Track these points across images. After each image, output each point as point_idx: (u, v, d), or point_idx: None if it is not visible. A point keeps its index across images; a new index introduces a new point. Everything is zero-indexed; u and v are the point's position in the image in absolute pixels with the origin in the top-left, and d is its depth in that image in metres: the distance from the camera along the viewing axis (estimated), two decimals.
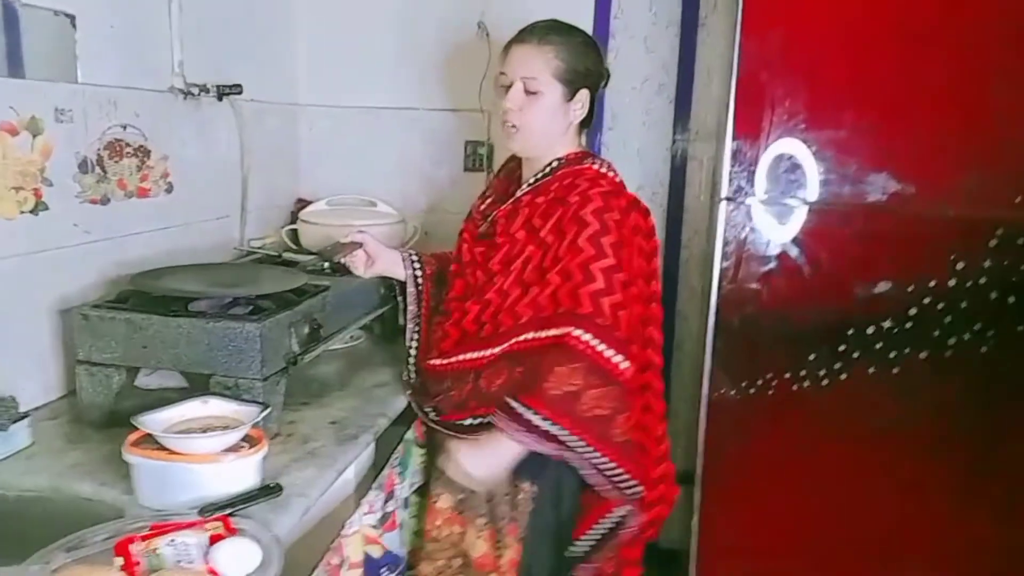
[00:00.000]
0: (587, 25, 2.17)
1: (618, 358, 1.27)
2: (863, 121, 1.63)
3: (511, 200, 1.42)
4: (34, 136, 1.37)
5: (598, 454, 1.29)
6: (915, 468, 1.73)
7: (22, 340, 1.37)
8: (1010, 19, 1.56)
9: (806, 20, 1.63)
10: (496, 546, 1.40)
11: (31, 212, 1.37)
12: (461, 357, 1.41)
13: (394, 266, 1.60)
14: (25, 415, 1.26)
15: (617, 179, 1.43)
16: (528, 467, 1.33)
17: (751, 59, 1.63)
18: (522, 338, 1.35)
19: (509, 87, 1.39)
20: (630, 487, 1.35)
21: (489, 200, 1.51)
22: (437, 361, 1.46)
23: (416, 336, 1.59)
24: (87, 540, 0.97)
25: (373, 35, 2.25)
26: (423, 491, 1.53)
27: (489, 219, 1.44)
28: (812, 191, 1.67)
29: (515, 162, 1.54)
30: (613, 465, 1.31)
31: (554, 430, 1.26)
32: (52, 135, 1.40)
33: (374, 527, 1.34)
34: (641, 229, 1.39)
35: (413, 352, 1.58)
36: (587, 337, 1.27)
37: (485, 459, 1.32)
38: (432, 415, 1.48)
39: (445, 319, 1.48)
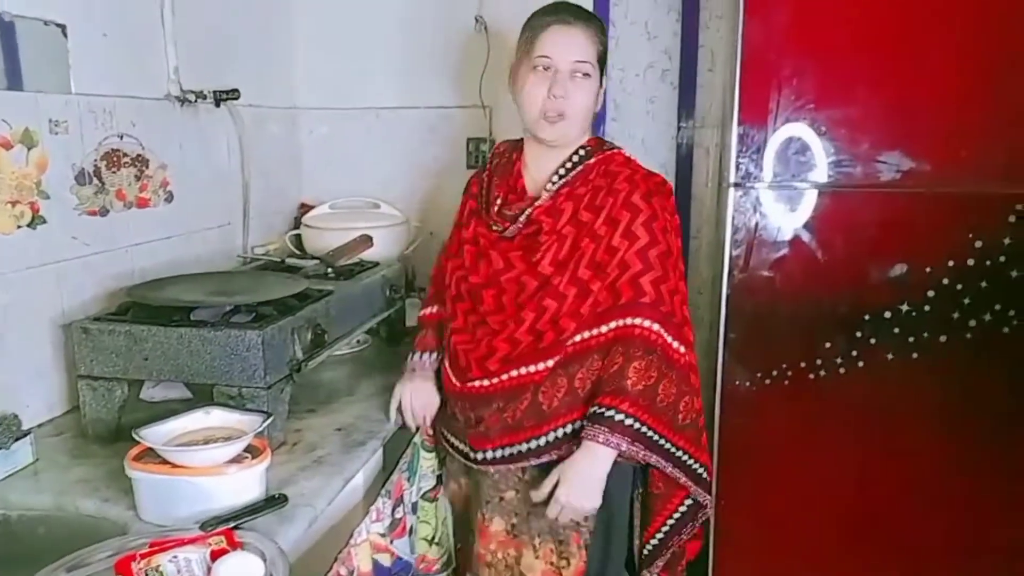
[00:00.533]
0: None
1: (676, 343, 1.27)
2: (874, 99, 1.58)
3: (549, 194, 1.34)
4: (28, 149, 1.35)
5: (672, 444, 1.29)
6: (938, 454, 1.69)
7: (24, 356, 1.36)
8: None
9: (811, 2, 1.58)
10: (558, 560, 1.34)
11: (29, 226, 1.36)
12: (514, 373, 1.31)
13: (430, 387, 1.47)
14: (27, 433, 1.25)
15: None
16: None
17: (755, 40, 1.58)
18: (578, 339, 1.29)
19: (547, 70, 1.30)
20: (699, 473, 1.35)
21: (500, 198, 1.39)
22: (481, 383, 1.34)
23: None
24: (88, 559, 0.95)
25: (370, 35, 2.22)
26: (427, 495, 1.50)
27: (524, 217, 1.34)
28: (823, 173, 1.63)
29: (509, 153, 1.45)
30: (683, 452, 1.31)
31: (644, 429, 1.25)
32: (47, 147, 1.39)
33: (383, 534, 1.31)
34: (667, 208, 1.35)
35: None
36: (656, 327, 1.25)
37: (590, 485, 1.26)
38: (477, 454, 1.35)
39: (490, 335, 1.35)
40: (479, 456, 1.35)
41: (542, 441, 1.31)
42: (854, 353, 1.65)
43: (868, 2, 1.58)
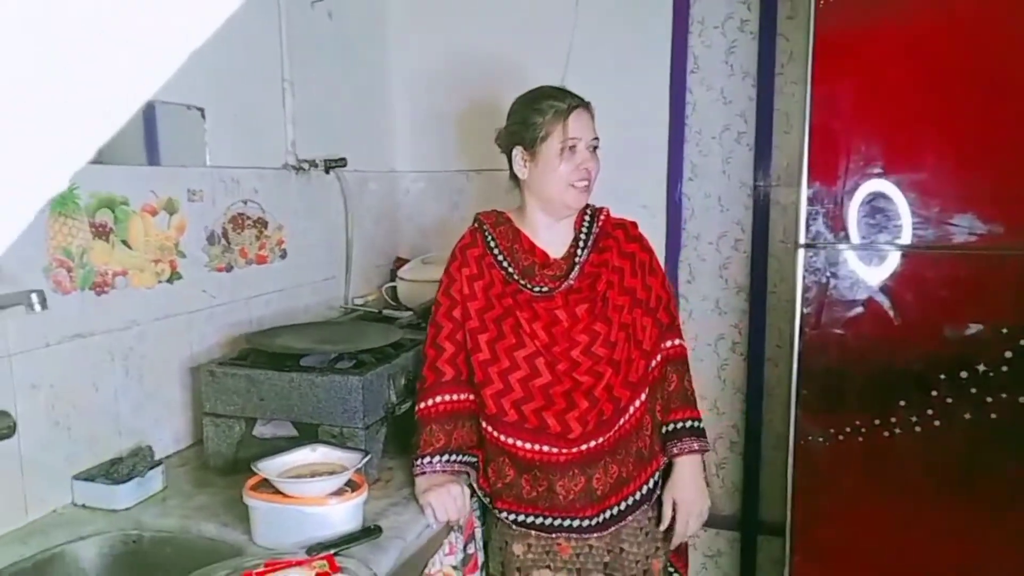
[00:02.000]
0: (664, 80, 2.25)
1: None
2: (944, 163, 1.61)
3: (587, 249, 1.51)
4: (170, 215, 1.56)
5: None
6: (1017, 515, 1.65)
7: (158, 395, 1.54)
8: None
9: (878, 65, 1.63)
10: None
11: (167, 281, 1.56)
12: (617, 423, 1.45)
13: (457, 490, 1.39)
14: (159, 463, 1.42)
15: None
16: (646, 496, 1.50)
17: (824, 107, 1.65)
18: (645, 371, 1.50)
19: (573, 149, 1.45)
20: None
21: (526, 263, 1.49)
22: (589, 444, 1.41)
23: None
24: (210, 575, 1.09)
25: (460, 104, 2.40)
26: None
27: (575, 273, 1.47)
28: (895, 235, 1.66)
29: (505, 224, 1.53)
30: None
31: (701, 426, 1.54)
32: (185, 213, 1.60)
33: (455, 568, 1.40)
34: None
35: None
36: (684, 343, 1.58)
37: (702, 488, 1.51)
38: (581, 522, 1.42)
39: (575, 391, 1.41)
40: (594, 521, 1.43)
41: (644, 489, 1.49)
42: (929, 412, 1.65)
43: (934, 68, 1.61)
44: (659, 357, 1.51)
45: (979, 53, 1.59)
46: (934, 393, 1.64)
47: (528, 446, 1.41)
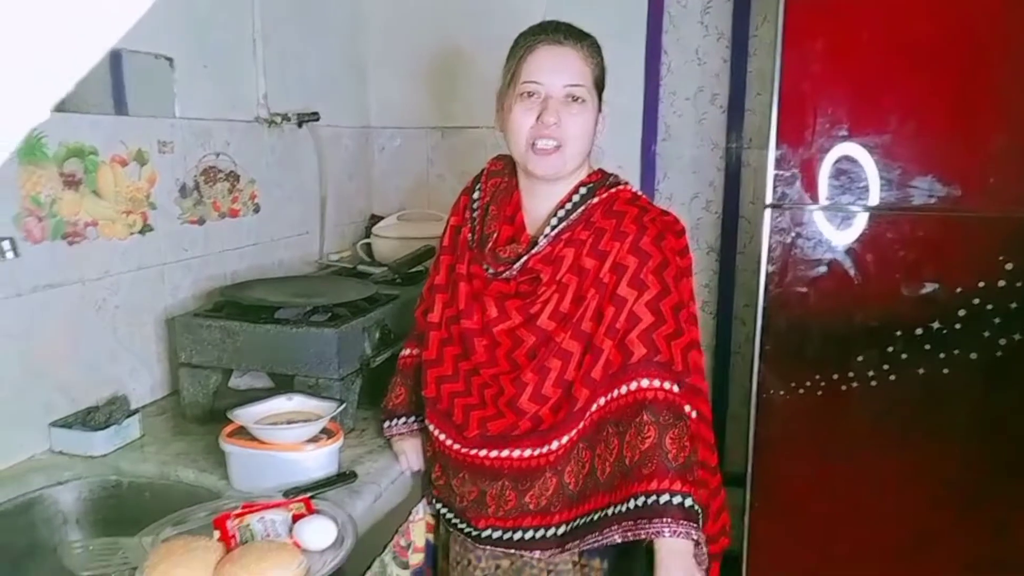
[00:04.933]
0: (640, 40, 2.26)
1: (688, 407, 1.13)
2: (907, 126, 1.65)
3: (547, 240, 1.18)
4: (141, 166, 1.55)
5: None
6: (965, 467, 1.73)
7: (133, 347, 1.55)
8: None
9: (848, 29, 1.66)
10: None
11: (139, 233, 1.56)
12: (529, 453, 1.15)
13: (414, 444, 1.37)
14: (135, 411, 1.43)
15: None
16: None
17: (793, 68, 1.68)
18: (594, 408, 1.13)
19: (530, 96, 1.15)
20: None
21: (496, 234, 1.24)
22: (487, 452, 1.18)
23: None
24: (190, 516, 1.12)
25: (434, 60, 2.39)
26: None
27: (519, 265, 1.18)
28: (858, 196, 1.70)
29: (509, 176, 1.29)
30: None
31: (695, 506, 1.06)
32: (156, 164, 1.59)
33: (434, 516, 1.44)
34: (676, 249, 1.19)
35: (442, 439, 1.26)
36: (676, 388, 1.11)
37: None
38: (487, 532, 1.20)
39: (490, 391, 1.20)
40: (488, 533, 1.20)
41: (569, 527, 1.14)
42: (885, 367, 1.72)
43: (900, 32, 1.65)
44: (615, 393, 1.11)
45: (946, 19, 1.62)
46: (890, 349, 1.71)
47: (434, 429, 1.27)
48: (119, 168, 1.50)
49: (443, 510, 1.30)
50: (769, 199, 1.74)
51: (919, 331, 1.70)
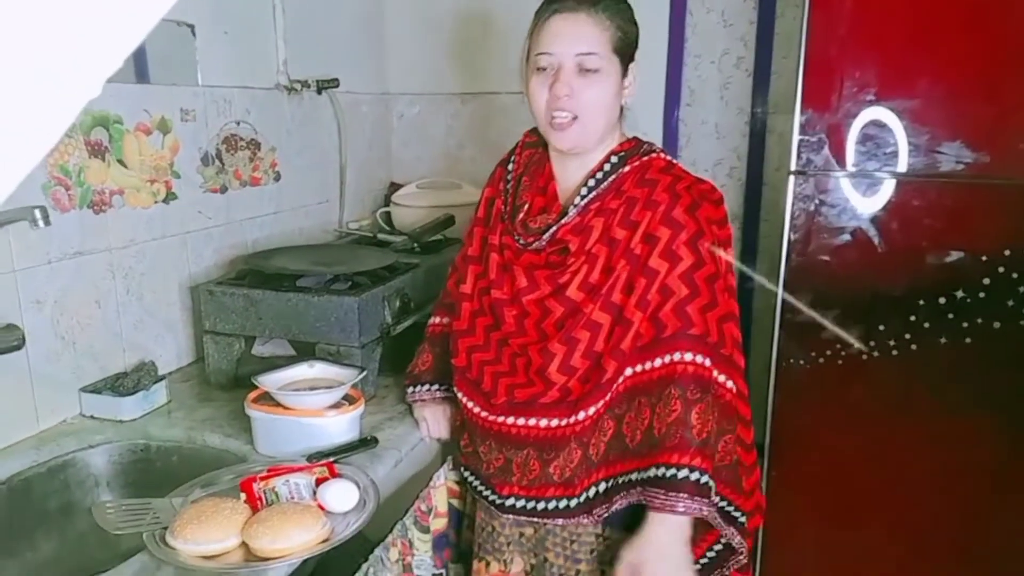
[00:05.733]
0: (664, 2, 2.22)
1: (723, 378, 1.12)
2: (935, 90, 1.61)
3: (576, 210, 1.17)
4: (164, 134, 1.57)
5: (718, 495, 1.12)
6: (987, 438, 1.72)
7: (159, 314, 1.58)
8: None
9: None
10: None
11: (163, 201, 1.58)
12: (556, 423, 1.15)
13: (447, 411, 1.40)
14: (162, 377, 1.47)
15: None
16: (616, 514, 1.15)
17: (820, 31, 1.63)
18: (621, 380, 1.12)
19: (551, 69, 1.14)
20: (739, 520, 1.16)
21: (527, 204, 1.24)
22: (514, 420, 1.19)
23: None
24: (217, 479, 1.15)
25: (455, 25, 2.37)
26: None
27: (548, 235, 1.18)
28: (884, 162, 1.67)
29: (544, 147, 1.27)
30: (724, 499, 1.14)
31: (711, 484, 1.07)
32: (179, 133, 1.60)
33: (457, 482, 1.47)
34: (714, 219, 1.17)
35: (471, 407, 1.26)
36: (708, 362, 1.09)
37: (682, 565, 1.09)
38: (510, 501, 1.21)
39: (520, 360, 1.20)
40: (513, 502, 1.21)
41: (591, 492, 1.16)
42: (907, 336, 1.70)
43: None
44: (648, 365, 1.11)
45: None
46: (912, 318, 1.69)
47: (463, 397, 1.27)
48: (143, 137, 1.51)
49: (469, 477, 1.31)
50: (793, 166, 1.71)
51: (942, 300, 1.67)
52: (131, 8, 0.31)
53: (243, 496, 1.07)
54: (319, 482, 1.11)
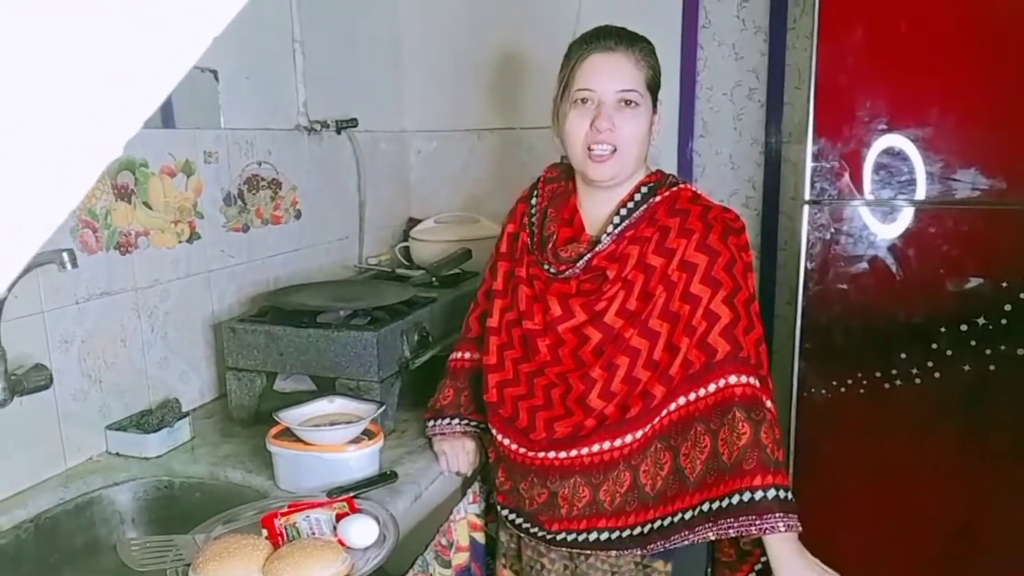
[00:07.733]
0: (675, 36, 2.25)
1: (768, 402, 1.16)
2: (948, 118, 1.61)
3: (610, 238, 1.20)
4: (188, 176, 1.61)
5: None
6: (1015, 468, 1.69)
7: (182, 352, 1.61)
8: None
9: (885, 19, 1.62)
10: None
11: (187, 241, 1.61)
12: (599, 448, 1.17)
13: (467, 445, 1.41)
14: (186, 414, 1.49)
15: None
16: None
17: (829, 62, 1.65)
18: (673, 407, 1.15)
19: (585, 103, 1.19)
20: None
21: (555, 234, 1.26)
22: (556, 454, 1.20)
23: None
24: (239, 515, 1.16)
25: (470, 63, 2.41)
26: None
27: (582, 263, 1.21)
28: (899, 190, 1.67)
29: (565, 181, 1.32)
30: None
31: (792, 499, 1.11)
32: (202, 174, 1.64)
33: (479, 515, 1.47)
34: (741, 246, 1.21)
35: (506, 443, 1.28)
36: (758, 383, 1.14)
37: (807, 561, 1.12)
38: (560, 535, 1.22)
39: (555, 391, 1.22)
40: (555, 536, 1.23)
41: (646, 528, 1.17)
42: (930, 364, 1.68)
43: (939, 21, 1.60)
44: (702, 392, 1.14)
45: (985, 8, 1.58)
46: (934, 346, 1.68)
47: (497, 434, 1.29)
48: (168, 179, 1.55)
49: (511, 515, 1.30)
50: (808, 195, 1.72)
51: (964, 327, 1.66)
52: (163, 61, 0.33)
53: (264, 532, 1.08)
54: (339, 517, 1.11)
